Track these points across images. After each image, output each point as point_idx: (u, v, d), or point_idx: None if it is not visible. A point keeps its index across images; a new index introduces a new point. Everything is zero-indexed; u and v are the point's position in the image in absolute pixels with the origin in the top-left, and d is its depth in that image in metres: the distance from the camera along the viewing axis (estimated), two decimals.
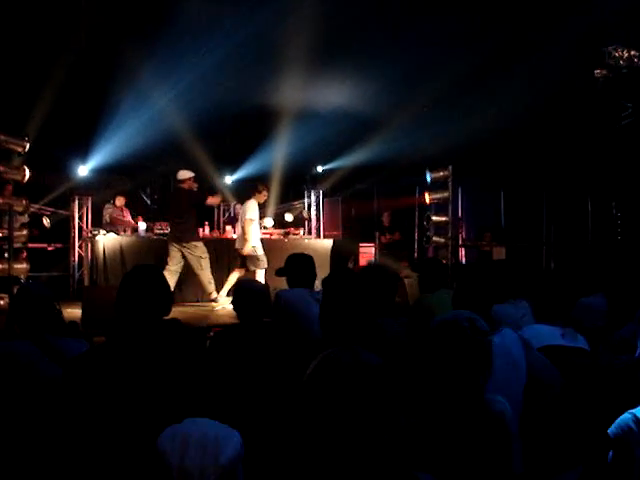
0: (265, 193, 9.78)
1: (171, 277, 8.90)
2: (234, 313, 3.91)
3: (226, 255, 10.30)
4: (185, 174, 9.44)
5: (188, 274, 9.50)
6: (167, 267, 9.03)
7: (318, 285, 4.56)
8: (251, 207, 9.47)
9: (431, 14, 8.85)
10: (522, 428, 2.61)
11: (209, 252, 9.42)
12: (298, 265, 4.65)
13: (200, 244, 9.32)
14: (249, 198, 9.62)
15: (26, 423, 2.78)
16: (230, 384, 3.31)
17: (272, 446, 2.38)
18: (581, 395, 2.96)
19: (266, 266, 9.30)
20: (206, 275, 9.28)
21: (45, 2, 8.31)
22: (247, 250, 9.31)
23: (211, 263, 9.42)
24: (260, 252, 9.41)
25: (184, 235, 9.21)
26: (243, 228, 9.40)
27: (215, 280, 9.42)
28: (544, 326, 3.47)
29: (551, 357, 3.08)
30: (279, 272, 4.70)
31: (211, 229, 11.49)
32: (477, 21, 8.84)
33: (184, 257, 9.18)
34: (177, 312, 8.47)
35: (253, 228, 9.39)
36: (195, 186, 9.48)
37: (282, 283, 4.84)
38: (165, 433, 1.74)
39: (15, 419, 2.80)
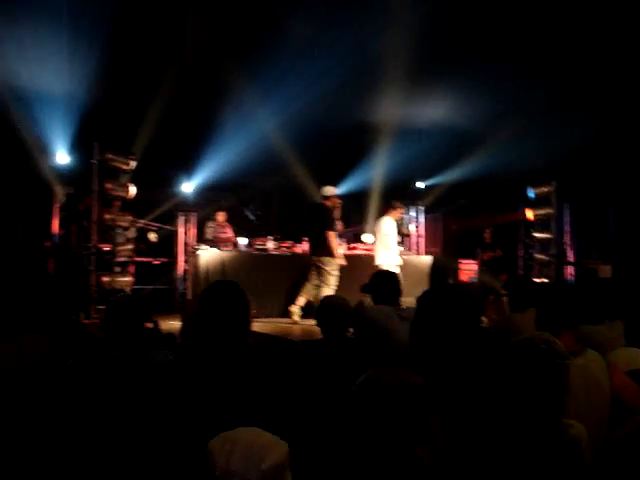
0: (401, 210, 9.94)
1: (310, 291, 9.13)
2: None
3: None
4: (329, 190, 9.47)
5: (273, 288, 9.63)
6: (308, 281, 9.22)
7: (404, 302, 4.54)
8: (386, 224, 9.61)
9: (532, 27, 8.72)
10: (605, 454, 2.52)
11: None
12: (383, 282, 4.64)
13: (332, 260, 9.20)
14: (384, 215, 9.79)
15: (115, 426, 2.90)
16: (309, 397, 3.33)
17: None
18: None
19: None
20: (325, 292, 8.92)
21: (151, 25, 8.67)
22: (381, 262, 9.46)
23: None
24: (395, 269, 9.14)
25: (318, 249, 9.26)
26: (381, 244, 9.59)
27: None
28: (635, 349, 3.34)
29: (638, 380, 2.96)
30: (364, 289, 4.69)
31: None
32: (579, 31, 8.65)
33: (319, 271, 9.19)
34: (270, 326, 8.62)
35: (391, 243, 9.57)
36: (338, 202, 9.54)
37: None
38: (218, 437, 1.82)
39: (104, 423, 2.92)
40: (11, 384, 2.99)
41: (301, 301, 9.28)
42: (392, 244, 9.59)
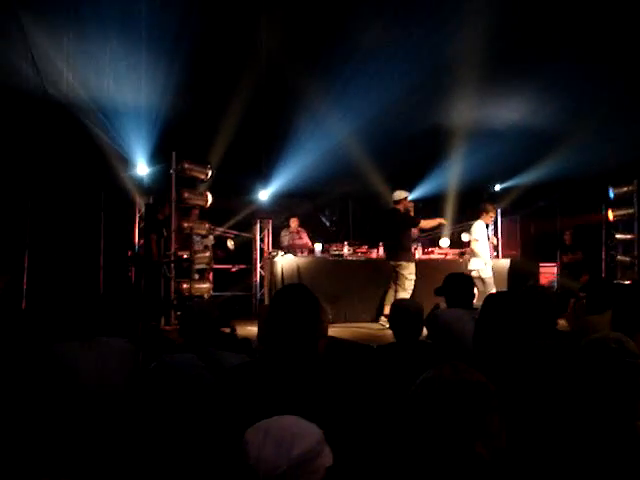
0: (492, 214, 9.97)
1: (391, 296, 9.23)
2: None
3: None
4: (400, 194, 9.61)
5: (362, 294, 9.67)
6: (390, 285, 9.37)
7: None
8: (477, 227, 9.62)
9: (609, 24, 8.53)
10: None
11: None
12: (456, 285, 4.62)
13: (409, 264, 9.31)
14: (476, 218, 9.79)
15: (188, 427, 2.99)
16: (378, 401, 3.35)
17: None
18: None
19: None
20: (400, 296, 9.02)
21: (226, 35, 8.84)
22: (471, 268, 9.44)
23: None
24: (485, 274, 9.38)
25: (394, 254, 9.40)
26: (472, 249, 9.58)
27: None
28: None
29: None
30: (438, 291, 4.69)
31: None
32: None
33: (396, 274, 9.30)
34: (349, 331, 8.66)
35: (479, 248, 9.51)
36: (410, 205, 9.69)
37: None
38: (253, 426, 1.86)
39: (177, 423, 3.01)
40: (97, 386, 3.11)
41: (387, 309, 9.33)
42: (481, 250, 9.50)
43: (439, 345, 4.11)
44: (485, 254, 9.54)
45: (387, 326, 9.13)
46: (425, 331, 4.11)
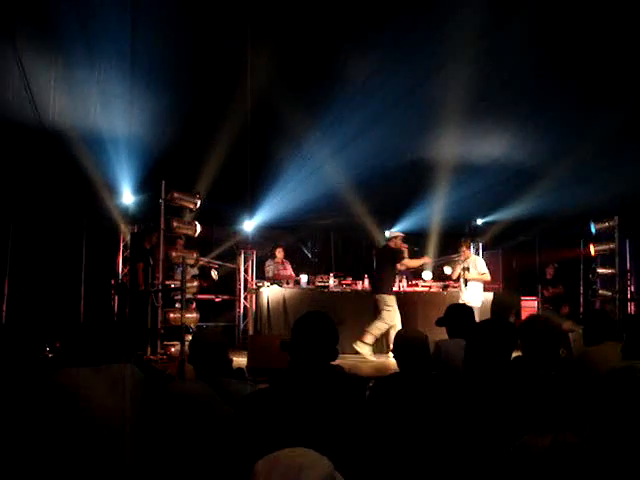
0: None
1: (372, 327, 9.66)
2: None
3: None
4: (392, 233, 10.45)
5: (347, 325, 9.72)
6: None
7: None
8: (481, 262, 10.70)
9: (591, 62, 8.72)
10: None
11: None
12: (458, 315, 4.67)
13: (388, 297, 9.78)
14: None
15: (202, 456, 2.98)
16: (387, 432, 3.36)
17: None
18: None
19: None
20: (377, 326, 9.64)
21: (214, 67, 8.91)
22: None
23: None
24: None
25: (375, 287, 10.02)
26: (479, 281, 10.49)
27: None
28: None
29: None
30: (439, 322, 4.74)
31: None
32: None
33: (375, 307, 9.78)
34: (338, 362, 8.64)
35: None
36: (404, 246, 10.26)
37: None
38: (263, 458, 1.84)
39: (191, 453, 3.00)
40: (110, 413, 3.08)
41: (368, 338, 9.48)
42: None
43: (443, 374, 4.14)
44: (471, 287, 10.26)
45: (362, 351, 9.34)
46: None
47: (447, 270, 12.10)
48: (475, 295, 10.29)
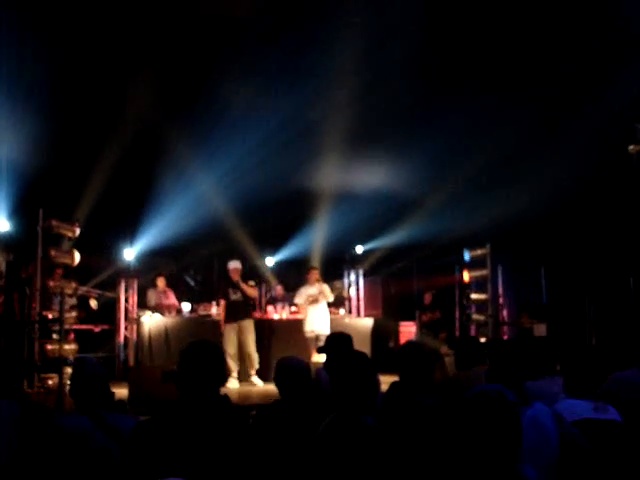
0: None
1: None
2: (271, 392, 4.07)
3: (266, 335, 10.59)
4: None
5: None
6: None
7: None
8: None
9: (465, 99, 9.15)
10: None
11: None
12: (338, 343, 4.81)
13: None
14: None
15: None
16: (270, 459, 3.43)
17: None
18: (612, 466, 3.03)
19: None
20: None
21: (93, 92, 8.79)
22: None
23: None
24: None
25: None
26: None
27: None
28: (576, 400, 3.56)
29: (584, 430, 3.17)
30: (320, 350, 4.86)
31: (253, 309, 11.56)
32: (510, 102, 9.10)
33: None
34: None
35: None
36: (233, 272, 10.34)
37: None
38: None
39: None
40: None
41: None
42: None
43: (324, 402, 4.23)
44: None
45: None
46: None
47: None
48: (325, 321, 10.56)
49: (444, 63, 8.77)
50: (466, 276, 11.22)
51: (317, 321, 10.40)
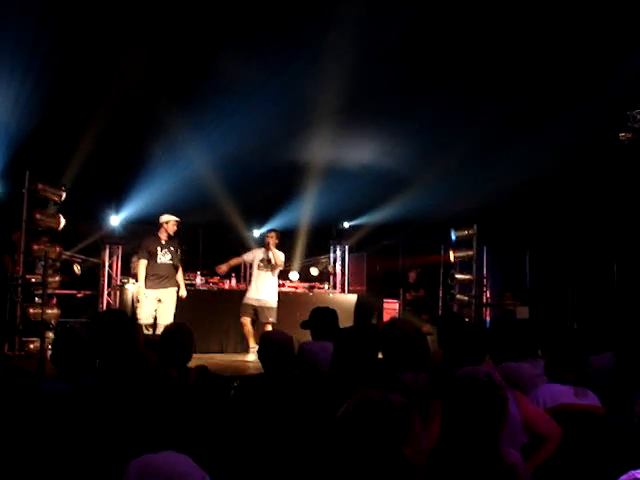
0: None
1: None
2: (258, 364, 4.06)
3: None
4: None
5: (212, 324, 9.70)
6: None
7: None
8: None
9: (455, 78, 9.12)
10: None
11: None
12: (322, 318, 4.80)
13: None
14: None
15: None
16: (252, 432, 3.43)
17: None
18: (590, 450, 3.06)
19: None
20: None
21: (86, 55, 8.69)
22: None
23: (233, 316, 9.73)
24: None
25: None
26: None
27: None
28: (557, 385, 3.58)
29: (565, 414, 3.19)
30: (304, 325, 4.85)
31: (237, 281, 11.52)
32: (500, 84, 9.09)
33: None
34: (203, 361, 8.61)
35: None
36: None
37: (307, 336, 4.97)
38: (138, 460, 1.83)
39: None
40: None
41: None
42: None
43: (307, 377, 4.24)
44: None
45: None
46: None
47: (313, 271, 12.30)
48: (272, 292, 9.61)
49: (434, 43, 8.74)
50: (452, 256, 11.24)
51: (263, 290, 9.46)
